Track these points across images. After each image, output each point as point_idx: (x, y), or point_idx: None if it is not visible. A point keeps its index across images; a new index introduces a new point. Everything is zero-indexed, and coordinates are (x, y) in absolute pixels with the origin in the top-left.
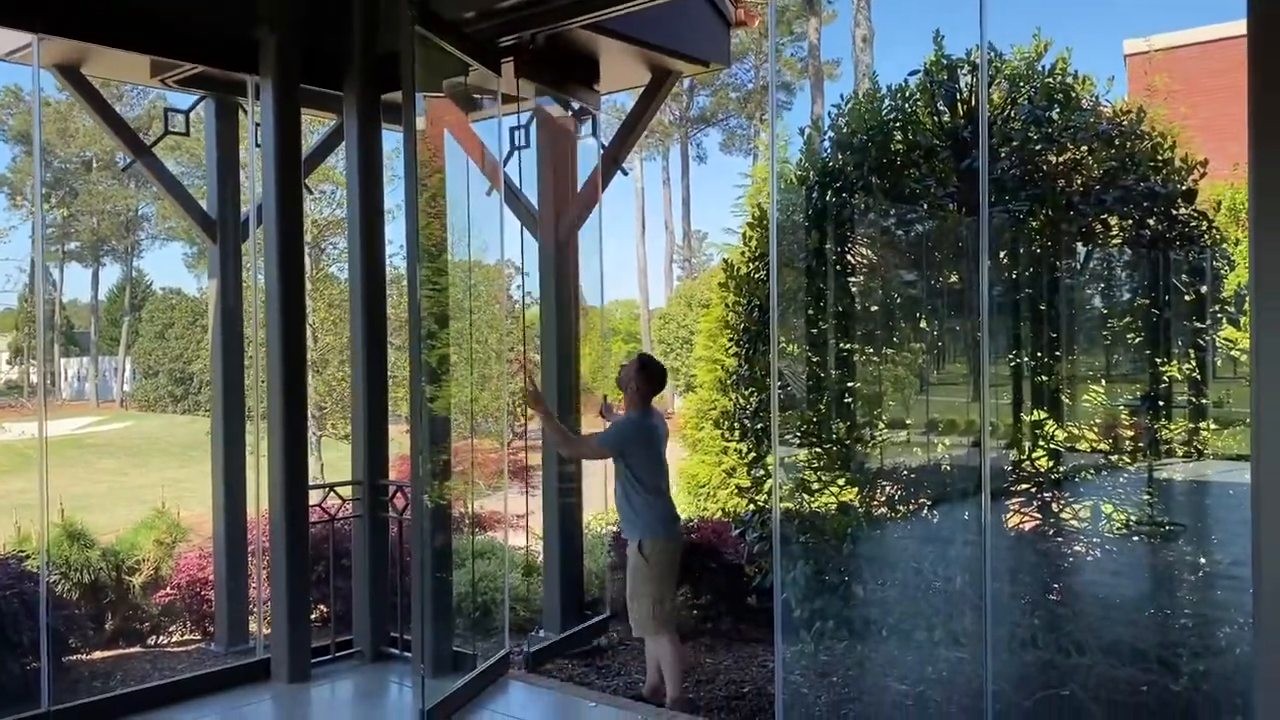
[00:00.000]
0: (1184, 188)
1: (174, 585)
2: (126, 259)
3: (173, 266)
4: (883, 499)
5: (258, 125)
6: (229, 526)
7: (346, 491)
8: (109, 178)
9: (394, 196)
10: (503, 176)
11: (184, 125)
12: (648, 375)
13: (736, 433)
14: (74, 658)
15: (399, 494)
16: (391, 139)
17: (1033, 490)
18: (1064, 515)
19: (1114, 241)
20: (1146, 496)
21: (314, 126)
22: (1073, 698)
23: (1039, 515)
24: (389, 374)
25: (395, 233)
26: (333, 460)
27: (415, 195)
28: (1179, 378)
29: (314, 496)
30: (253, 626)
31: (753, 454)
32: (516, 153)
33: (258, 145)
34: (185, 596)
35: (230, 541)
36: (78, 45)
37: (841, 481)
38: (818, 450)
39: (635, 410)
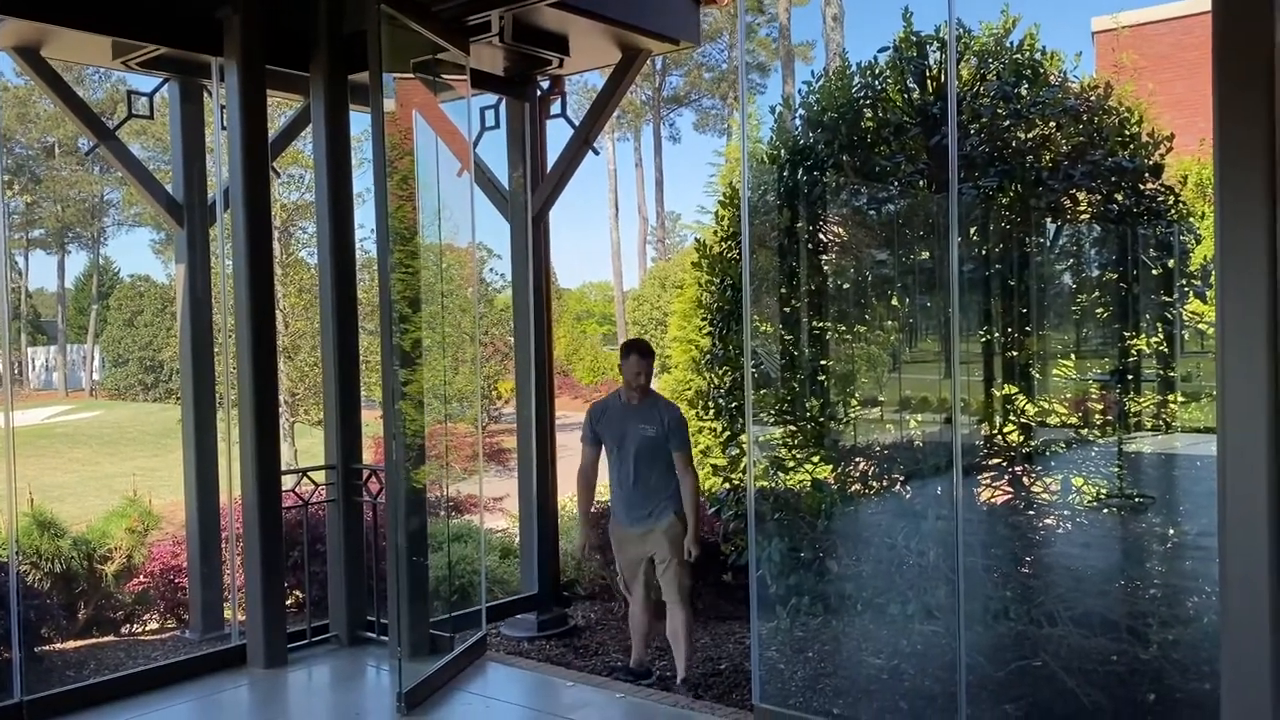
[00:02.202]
0: (1151, 163)
1: (147, 573)
2: (93, 246)
3: (140, 253)
4: (856, 475)
5: (223, 108)
6: (201, 513)
7: (320, 476)
8: (73, 163)
9: (364, 180)
10: (472, 157)
11: (148, 108)
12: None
13: (711, 412)
14: (47, 647)
15: (373, 478)
16: (360, 121)
17: (1004, 464)
18: (1035, 489)
19: (1082, 217)
20: (1116, 469)
21: (282, 109)
22: (1045, 668)
23: (1010, 489)
24: (362, 359)
25: (365, 216)
26: (307, 447)
27: (384, 178)
28: (1147, 352)
29: (287, 482)
30: (228, 613)
31: (727, 433)
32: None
33: (223, 128)
34: (159, 584)
35: (203, 528)
36: (37, 26)
37: (816, 459)
38: (792, 428)
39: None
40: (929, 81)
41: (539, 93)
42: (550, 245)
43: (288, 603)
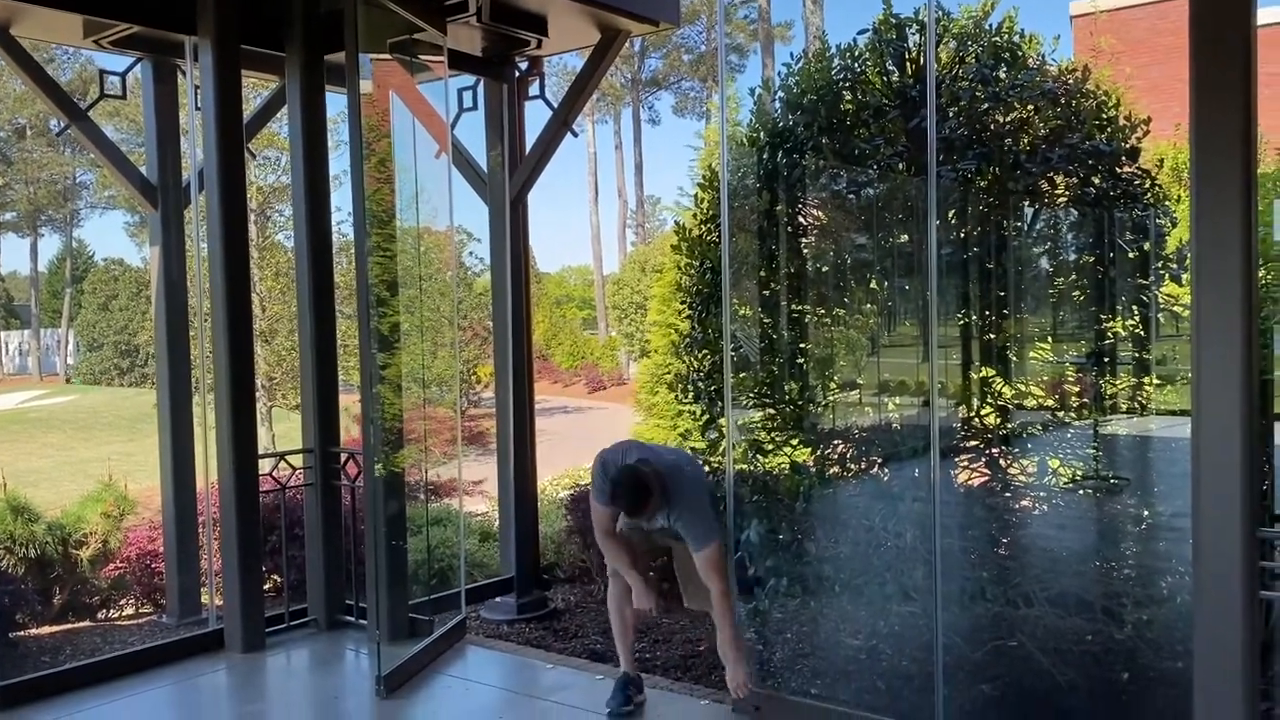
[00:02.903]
0: (1128, 146)
1: (123, 559)
2: (66, 229)
3: (114, 236)
4: (835, 458)
5: (197, 88)
6: (178, 498)
7: (298, 460)
8: (44, 144)
9: (341, 162)
10: (450, 139)
11: (120, 88)
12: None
13: (690, 395)
14: (21, 633)
15: (351, 461)
16: (337, 103)
17: (981, 446)
18: (1011, 471)
19: (1060, 200)
20: (1092, 451)
21: (257, 90)
22: (1020, 648)
23: (987, 471)
24: (340, 342)
25: (343, 199)
26: (284, 431)
27: (360, 158)
28: (1123, 334)
29: (264, 466)
30: (205, 598)
31: (706, 416)
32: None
33: (197, 108)
34: (135, 570)
35: (180, 513)
36: (6, 4)
37: (795, 442)
38: (771, 411)
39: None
40: (908, 64)
41: (517, 74)
42: (529, 228)
43: (266, 587)
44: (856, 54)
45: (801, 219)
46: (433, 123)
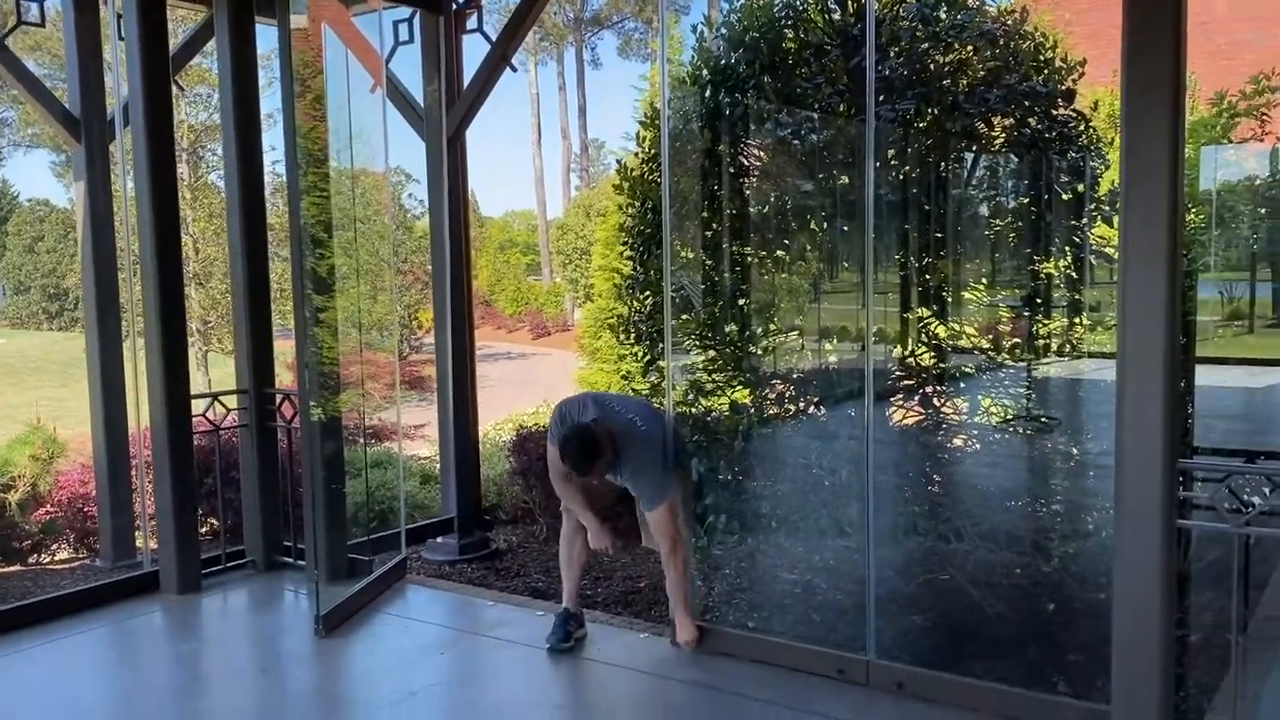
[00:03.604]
0: (1064, 88)
1: (55, 503)
2: None
3: (39, 176)
4: (773, 398)
5: (119, 17)
6: (110, 441)
7: (232, 402)
8: None
9: (275, 100)
10: (385, 73)
11: (39, 16)
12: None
13: (632, 337)
14: None
15: (287, 403)
16: (270, 37)
17: (915, 386)
18: (945, 410)
19: (997, 141)
20: (1024, 391)
21: (185, 23)
22: (951, 581)
23: (922, 409)
24: (278, 285)
25: (277, 138)
26: (221, 377)
27: (291, 92)
28: (1057, 276)
29: (198, 408)
30: (140, 542)
31: (648, 357)
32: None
33: (120, 39)
34: (67, 514)
35: (112, 456)
36: None
37: (735, 383)
38: (712, 353)
39: None
40: (849, 2)
41: (455, 6)
42: (469, 168)
43: (202, 531)
44: None
45: (743, 159)
46: (368, 57)
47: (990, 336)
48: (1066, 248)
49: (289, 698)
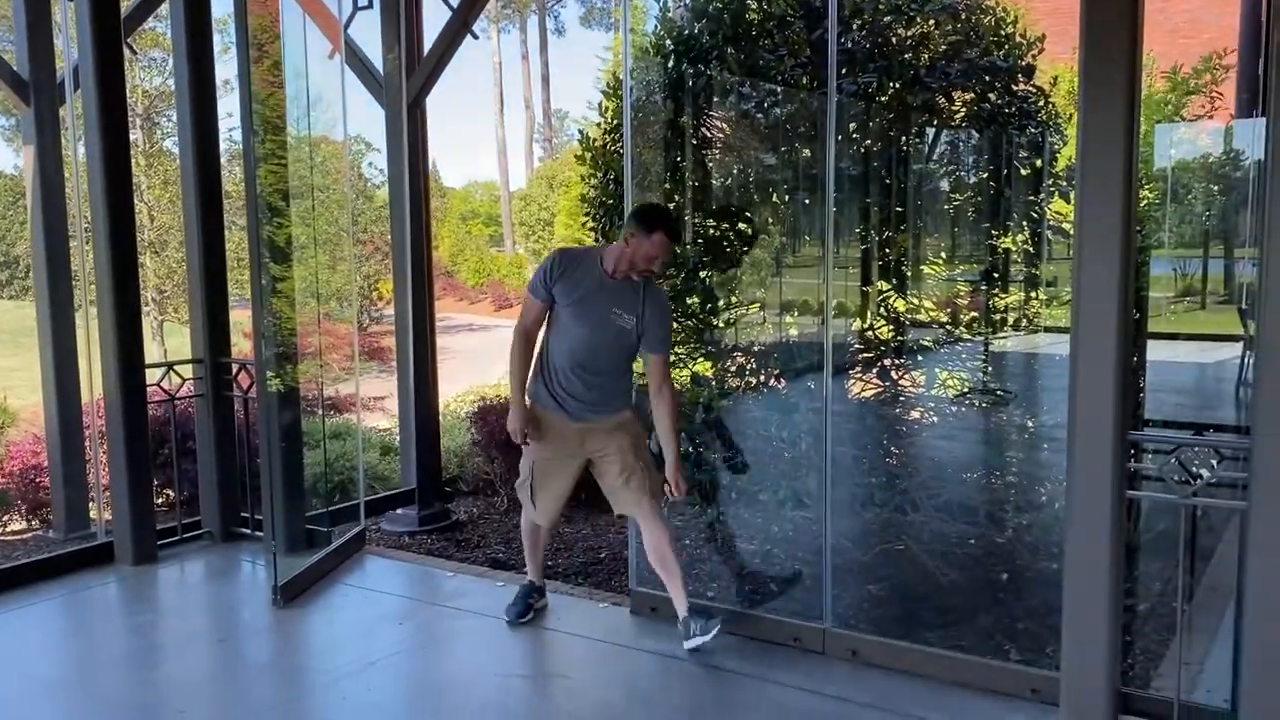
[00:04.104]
0: (1024, 63)
1: (6, 473)
2: None
3: None
4: (734, 370)
5: None
6: (62, 411)
7: (187, 371)
8: None
9: (232, 66)
10: (343, 39)
11: None
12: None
13: None
14: None
15: (244, 372)
16: (225, 1)
17: (874, 359)
18: (903, 383)
19: (957, 116)
20: (980, 365)
21: None
22: (907, 551)
23: (880, 382)
24: (235, 255)
25: (234, 105)
26: (177, 347)
27: (248, 58)
28: (1014, 251)
29: (153, 377)
30: (94, 513)
31: None
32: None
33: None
34: (19, 485)
35: (64, 426)
36: None
37: (698, 356)
38: (674, 325)
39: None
40: None
41: None
42: (430, 137)
43: (158, 502)
44: None
45: (706, 131)
46: (326, 22)
47: (948, 310)
48: (1024, 223)
49: (247, 668)
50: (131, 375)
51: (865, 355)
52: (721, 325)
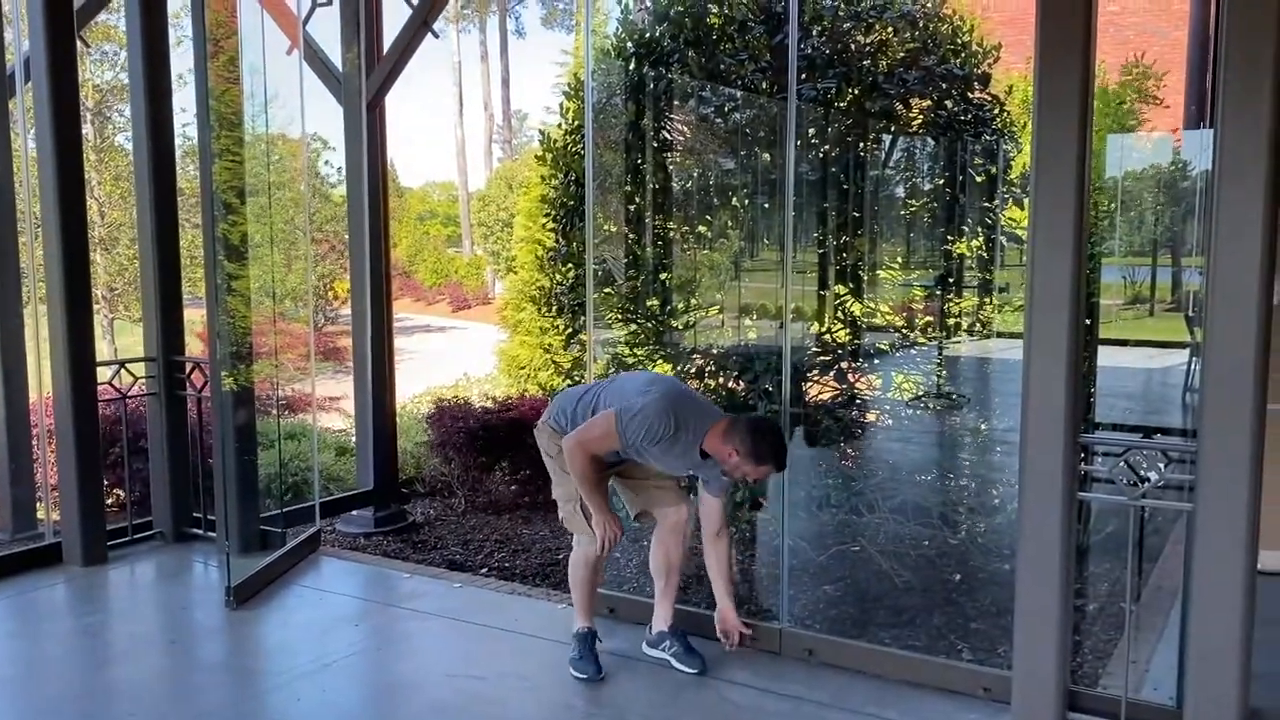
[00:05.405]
0: (980, 72)
1: None
2: None
3: None
4: (694, 372)
5: None
6: (9, 409)
7: (139, 369)
8: None
9: (186, 60)
10: (301, 35)
11: None
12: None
13: (554, 309)
14: None
15: (197, 371)
16: None
17: (831, 361)
18: (859, 385)
19: (914, 123)
20: (935, 368)
21: None
22: (862, 552)
23: (837, 384)
24: (189, 253)
25: (189, 100)
26: (128, 345)
27: (204, 53)
28: (969, 257)
29: (103, 375)
30: (41, 513)
31: (570, 330)
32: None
33: None
34: None
35: (11, 425)
36: None
37: (657, 358)
38: (634, 327)
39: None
40: None
41: None
42: (388, 136)
43: (109, 502)
44: None
45: (667, 134)
46: (284, 18)
47: (904, 315)
48: (979, 229)
49: (199, 669)
50: (82, 373)
51: (823, 358)
52: (680, 327)
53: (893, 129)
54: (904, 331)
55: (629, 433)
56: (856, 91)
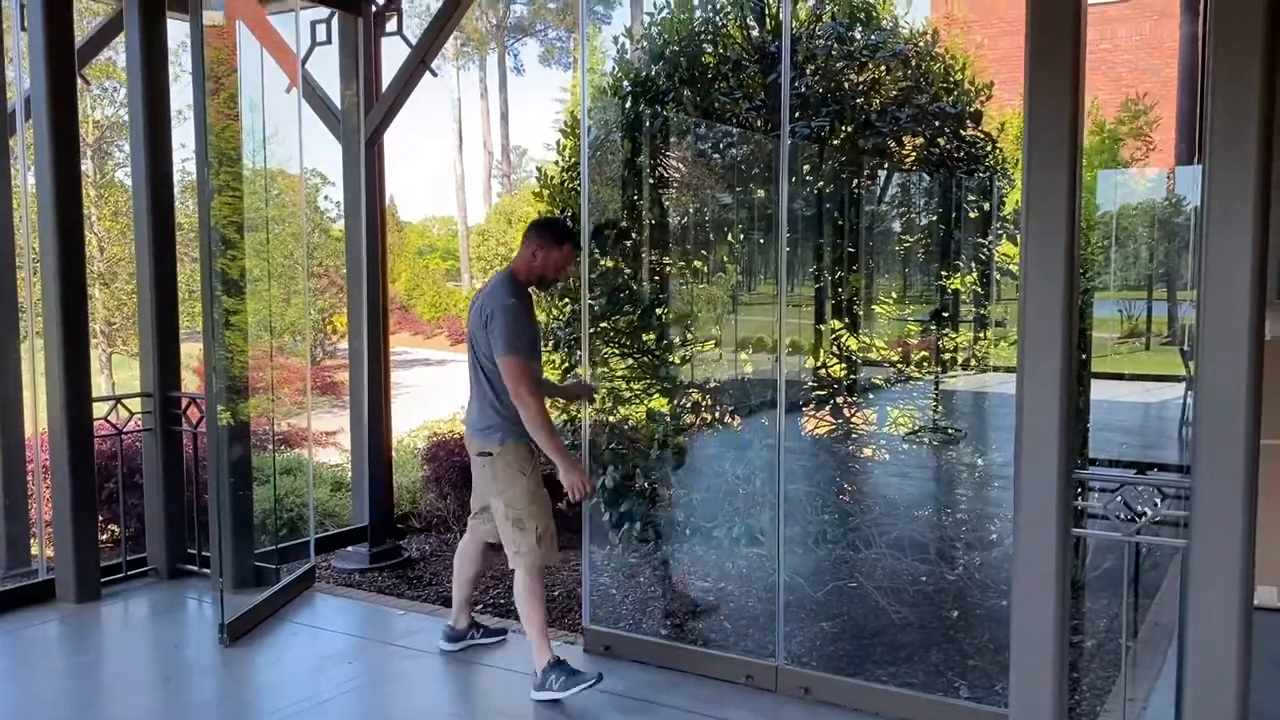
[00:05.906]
0: (972, 109)
1: None
2: None
3: None
4: (689, 406)
5: (23, 6)
6: (4, 444)
7: (136, 405)
8: None
9: (186, 96)
10: (301, 74)
11: None
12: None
13: (550, 344)
14: None
15: (194, 406)
16: (181, 31)
17: (827, 396)
18: (855, 420)
19: (908, 160)
20: (931, 403)
21: (93, 15)
22: (859, 588)
23: (833, 419)
24: (187, 288)
25: (188, 136)
26: (125, 380)
27: (204, 90)
28: (963, 292)
29: (100, 411)
30: (35, 549)
31: (566, 365)
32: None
33: (23, 29)
34: None
35: (6, 460)
36: None
37: (653, 391)
38: (630, 362)
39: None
40: (767, 19)
41: (374, 8)
42: (385, 172)
43: (103, 538)
44: (719, 6)
45: (663, 170)
46: (284, 56)
47: (899, 349)
48: (973, 264)
49: (192, 708)
50: (78, 408)
51: (818, 393)
52: (677, 362)
53: (886, 166)
54: (899, 366)
55: (514, 322)
56: (849, 129)
